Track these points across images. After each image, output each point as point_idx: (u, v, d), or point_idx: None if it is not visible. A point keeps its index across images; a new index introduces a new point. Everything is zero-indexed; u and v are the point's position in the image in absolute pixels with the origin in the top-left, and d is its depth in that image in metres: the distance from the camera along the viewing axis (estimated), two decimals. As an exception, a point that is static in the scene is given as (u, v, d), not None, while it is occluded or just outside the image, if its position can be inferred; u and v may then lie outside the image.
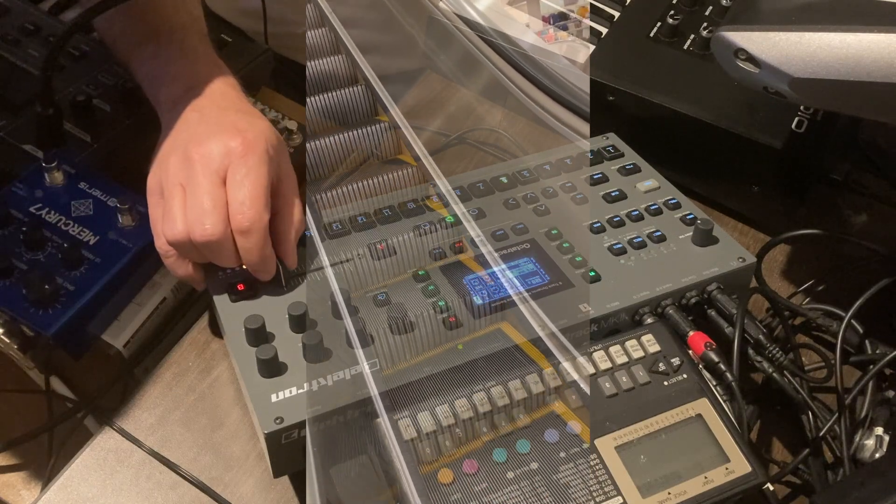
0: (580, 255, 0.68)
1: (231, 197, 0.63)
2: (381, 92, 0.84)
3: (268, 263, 0.64)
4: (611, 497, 0.55)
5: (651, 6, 0.90)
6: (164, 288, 0.73)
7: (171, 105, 0.71)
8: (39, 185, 0.72)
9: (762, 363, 0.65)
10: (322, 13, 0.89)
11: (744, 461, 0.58)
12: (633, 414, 0.59)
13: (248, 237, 0.62)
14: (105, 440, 0.66)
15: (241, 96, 0.72)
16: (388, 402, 0.59)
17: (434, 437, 0.56)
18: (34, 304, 0.66)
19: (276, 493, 0.65)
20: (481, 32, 0.89)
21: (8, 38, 0.83)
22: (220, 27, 0.94)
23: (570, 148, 0.79)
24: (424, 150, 0.79)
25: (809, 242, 0.82)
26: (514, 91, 0.89)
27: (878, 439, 0.67)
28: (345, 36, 0.87)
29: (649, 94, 0.82)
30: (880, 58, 0.58)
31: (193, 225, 0.62)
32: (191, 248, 0.63)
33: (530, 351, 0.61)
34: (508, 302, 0.64)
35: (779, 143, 0.78)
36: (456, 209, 0.72)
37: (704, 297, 0.67)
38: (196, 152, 0.64)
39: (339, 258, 0.67)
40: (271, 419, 0.57)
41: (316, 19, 0.89)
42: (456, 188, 0.74)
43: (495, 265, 0.67)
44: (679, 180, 0.78)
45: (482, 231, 0.70)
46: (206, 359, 0.71)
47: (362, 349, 0.61)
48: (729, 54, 0.64)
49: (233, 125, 0.66)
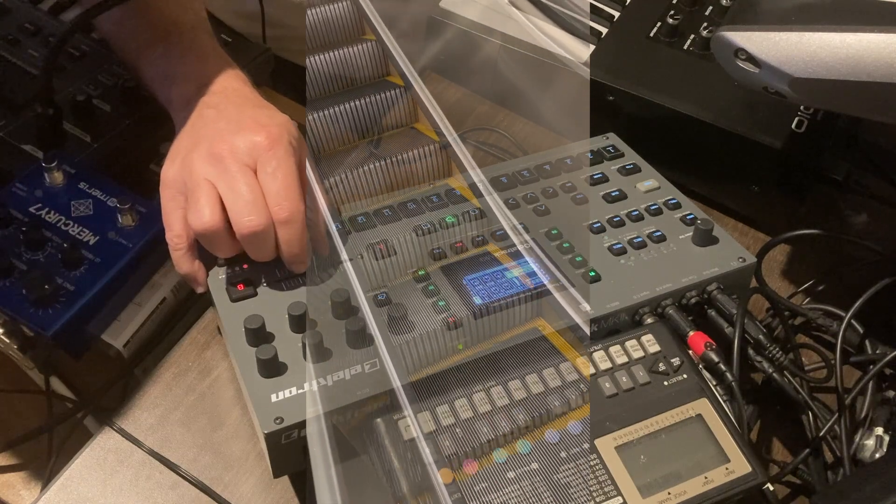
0: (580, 255, 0.68)
1: (266, 189, 0.63)
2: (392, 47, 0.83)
3: (305, 254, 0.65)
4: (611, 497, 0.55)
5: (651, 6, 0.90)
6: (164, 288, 0.73)
7: (183, 104, 0.71)
8: (39, 185, 0.72)
9: (762, 363, 0.65)
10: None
11: (744, 461, 0.58)
12: (633, 414, 0.59)
13: (288, 227, 0.63)
14: (105, 440, 0.66)
15: (255, 92, 0.73)
16: (390, 402, 0.59)
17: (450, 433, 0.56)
18: (34, 304, 0.66)
19: (276, 493, 0.65)
20: (481, 32, 0.89)
21: (8, 38, 0.83)
22: (219, 30, 0.94)
23: (570, 148, 0.79)
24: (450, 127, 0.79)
25: (809, 242, 0.82)
26: (514, 14, 0.89)
27: (878, 439, 0.67)
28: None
29: (649, 94, 0.82)
30: (880, 58, 0.58)
31: (237, 218, 0.62)
32: (216, 239, 0.63)
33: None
34: (509, 302, 0.64)
35: (779, 143, 0.78)
36: (489, 200, 0.72)
37: (704, 297, 0.67)
38: (222, 148, 0.64)
39: (340, 258, 0.67)
40: (271, 419, 0.57)
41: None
42: (455, 188, 0.74)
43: (529, 256, 0.67)
44: (679, 180, 0.78)
45: (484, 231, 0.70)
46: (206, 359, 0.71)
47: (368, 347, 0.61)
48: (729, 54, 0.64)
49: (254, 120, 0.66)
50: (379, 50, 0.85)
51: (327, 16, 0.86)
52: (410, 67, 0.83)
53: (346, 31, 0.87)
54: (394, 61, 0.84)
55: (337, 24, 0.86)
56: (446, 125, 0.79)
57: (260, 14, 1.00)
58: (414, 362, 0.61)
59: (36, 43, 0.83)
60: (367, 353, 0.61)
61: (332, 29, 0.86)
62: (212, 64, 0.73)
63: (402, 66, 0.83)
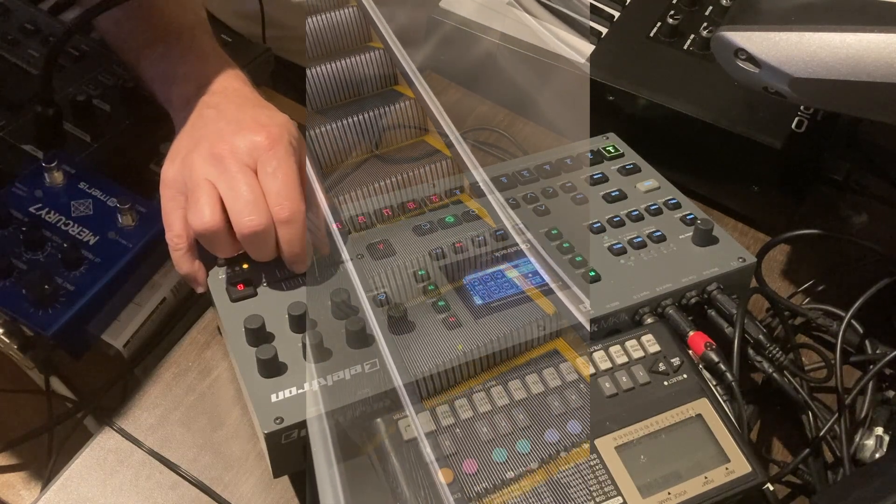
0: (580, 255, 0.68)
1: (267, 189, 0.63)
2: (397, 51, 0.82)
3: (305, 254, 0.65)
4: (611, 497, 0.55)
5: (651, 6, 0.90)
6: (164, 288, 0.73)
7: (183, 104, 0.71)
8: (39, 185, 0.72)
9: (762, 363, 0.65)
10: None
11: (744, 461, 0.58)
12: (633, 414, 0.59)
13: (289, 227, 0.63)
14: (105, 440, 0.66)
15: (255, 92, 0.73)
16: (390, 402, 0.59)
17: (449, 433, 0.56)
18: (34, 304, 0.66)
19: (276, 493, 0.65)
20: (482, 32, 0.89)
21: (8, 38, 0.83)
22: (219, 30, 0.94)
23: (570, 148, 0.79)
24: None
25: (809, 242, 0.82)
26: (514, 14, 0.89)
27: (878, 439, 0.67)
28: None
29: (649, 94, 0.82)
30: (880, 58, 0.58)
31: (237, 218, 0.62)
32: (216, 239, 0.63)
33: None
34: (508, 302, 0.64)
35: (779, 143, 0.78)
36: (491, 199, 0.72)
37: (704, 297, 0.67)
38: (222, 148, 0.64)
39: (340, 258, 0.67)
40: (271, 419, 0.57)
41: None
42: (456, 188, 0.74)
43: (530, 255, 0.68)
44: (679, 180, 0.78)
45: (485, 231, 0.70)
46: (206, 359, 0.71)
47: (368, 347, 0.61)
48: (729, 54, 0.64)
49: (254, 120, 0.66)
50: (386, 58, 0.84)
51: (330, 22, 0.85)
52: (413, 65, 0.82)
53: (350, 37, 0.86)
54: (396, 61, 0.84)
55: (341, 31, 0.85)
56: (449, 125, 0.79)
57: (260, 14, 1.00)
58: (414, 362, 0.61)
59: (36, 43, 0.83)
60: (367, 353, 0.61)
61: (336, 36, 0.85)
62: (212, 64, 0.73)
63: (406, 67, 0.83)
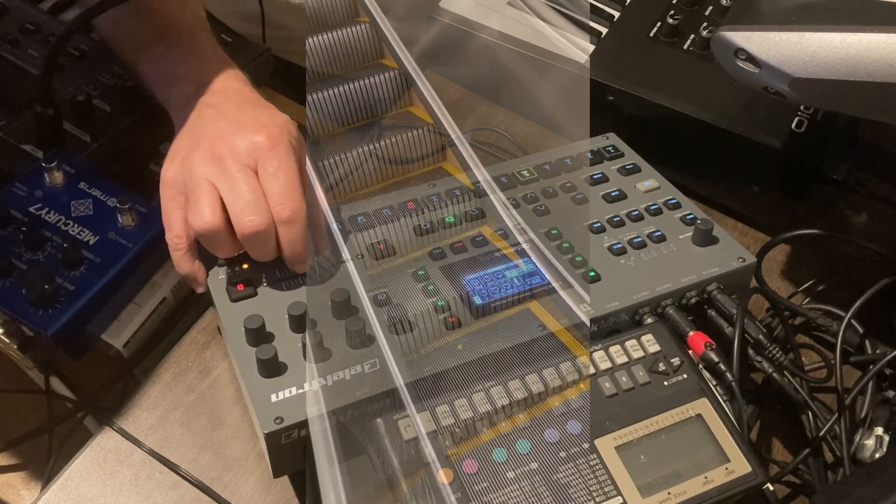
0: (580, 255, 0.68)
1: (268, 189, 0.63)
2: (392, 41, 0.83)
3: (306, 253, 0.65)
4: (611, 497, 0.55)
5: (651, 6, 0.90)
6: (164, 288, 0.73)
7: (183, 104, 0.71)
8: (39, 185, 0.72)
9: (762, 363, 0.65)
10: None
11: (744, 461, 0.58)
12: (633, 414, 0.59)
13: (290, 227, 0.63)
14: (105, 440, 0.66)
15: (255, 92, 0.73)
16: (390, 402, 0.59)
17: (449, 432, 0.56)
18: (34, 304, 0.66)
19: (276, 493, 0.65)
20: (481, 31, 0.89)
21: (8, 38, 0.83)
22: (219, 30, 0.94)
23: (570, 148, 0.79)
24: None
25: (809, 242, 0.82)
26: (514, 14, 0.89)
27: (878, 439, 0.67)
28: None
29: (649, 94, 0.82)
30: (880, 58, 0.58)
31: (238, 218, 0.62)
32: (217, 239, 0.63)
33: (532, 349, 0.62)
34: (508, 302, 0.64)
35: (779, 143, 0.78)
36: (493, 198, 0.72)
37: (704, 297, 0.67)
38: (223, 148, 0.64)
39: (340, 258, 0.67)
40: (271, 419, 0.57)
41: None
42: (455, 188, 0.74)
43: (531, 255, 0.68)
44: (679, 180, 0.78)
45: (484, 230, 0.70)
46: (206, 359, 0.71)
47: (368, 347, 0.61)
48: (729, 54, 0.64)
49: (254, 120, 0.66)
50: (373, 32, 0.86)
51: (334, 36, 0.88)
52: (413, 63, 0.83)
53: (341, 13, 0.89)
54: (397, 60, 0.85)
55: (333, 7, 0.89)
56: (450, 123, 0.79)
57: (260, 15, 1.00)
58: (414, 362, 0.61)
59: (36, 43, 0.83)
60: (367, 353, 0.61)
61: (328, 10, 0.88)
62: (211, 64, 0.73)
63: (407, 66, 0.83)
